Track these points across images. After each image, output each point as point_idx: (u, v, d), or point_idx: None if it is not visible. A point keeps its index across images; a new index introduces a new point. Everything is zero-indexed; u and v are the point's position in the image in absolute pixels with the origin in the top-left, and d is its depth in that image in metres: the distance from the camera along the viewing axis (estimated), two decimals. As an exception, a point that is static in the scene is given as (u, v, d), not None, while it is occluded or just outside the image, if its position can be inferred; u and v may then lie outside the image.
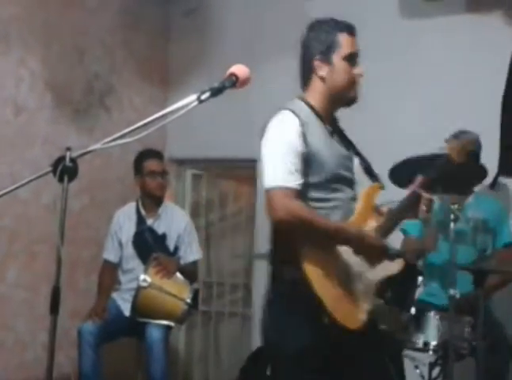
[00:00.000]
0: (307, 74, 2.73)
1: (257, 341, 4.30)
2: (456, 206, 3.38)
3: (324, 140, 2.65)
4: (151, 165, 4.64)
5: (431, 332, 3.42)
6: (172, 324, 4.39)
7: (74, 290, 4.95)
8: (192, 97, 2.24)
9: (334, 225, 2.58)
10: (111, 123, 5.30)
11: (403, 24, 4.80)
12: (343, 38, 2.68)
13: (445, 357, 3.34)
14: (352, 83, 2.69)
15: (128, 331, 4.42)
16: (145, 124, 2.26)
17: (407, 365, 3.68)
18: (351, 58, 2.69)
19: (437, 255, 3.87)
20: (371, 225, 2.66)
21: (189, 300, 4.36)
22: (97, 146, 2.31)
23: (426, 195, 2.70)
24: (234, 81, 2.29)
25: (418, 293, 3.62)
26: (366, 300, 2.60)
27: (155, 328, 4.29)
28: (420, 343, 3.45)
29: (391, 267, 2.69)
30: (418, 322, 3.46)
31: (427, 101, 4.63)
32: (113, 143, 2.30)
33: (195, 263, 4.71)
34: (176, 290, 4.35)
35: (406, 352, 3.64)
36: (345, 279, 2.57)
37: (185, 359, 5.81)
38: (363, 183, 2.76)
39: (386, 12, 4.84)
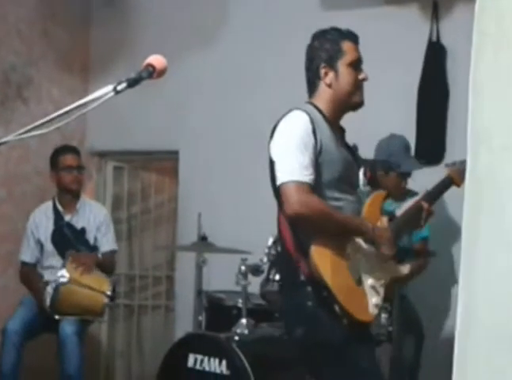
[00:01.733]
0: (313, 82, 2.86)
1: (180, 333, 4.29)
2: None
3: (332, 141, 2.75)
4: (67, 159, 4.64)
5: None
6: (91, 318, 4.37)
7: (-10, 287, 4.84)
8: (109, 88, 2.21)
9: (348, 217, 2.71)
10: (29, 115, 5.19)
11: (323, 15, 4.85)
12: (347, 46, 2.82)
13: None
14: (357, 88, 2.82)
15: (48, 326, 4.37)
16: (61, 115, 2.22)
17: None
18: (355, 65, 2.83)
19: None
20: None
21: (109, 292, 4.35)
22: (10, 137, 2.25)
23: (428, 207, 2.94)
24: (152, 72, 2.26)
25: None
26: (374, 295, 2.69)
27: (68, 323, 4.26)
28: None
29: (401, 269, 2.82)
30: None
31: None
32: (28, 134, 2.25)
33: (112, 253, 4.72)
34: (96, 284, 4.34)
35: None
36: (354, 273, 2.67)
37: (107, 353, 5.75)
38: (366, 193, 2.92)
39: (306, 3, 4.88)
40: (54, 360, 4.34)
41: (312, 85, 2.86)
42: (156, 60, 2.25)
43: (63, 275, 4.25)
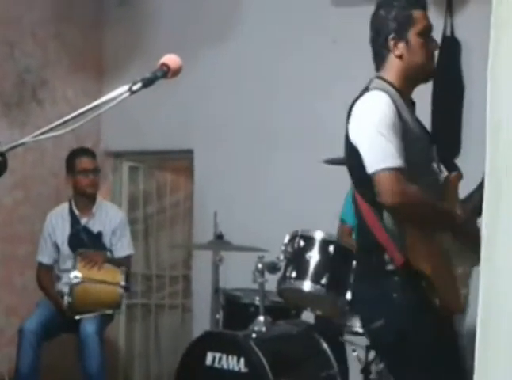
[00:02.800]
0: (382, 53, 2.68)
1: (198, 332, 4.30)
2: None
3: (410, 118, 2.61)
4: (83, 162, 4.64)
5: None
6: (109, 312, 4.42)
7: (9, 288, 4.88)
8: (124, 88, 2.22)
9: (445, 207, 2.57)
10: (44, 116, 5.22)
11: (334, 12, 4.85)
12: (417, 13, 2.65)
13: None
14: (429, 58, 2.67)
15: (67, 326, 4.40)
16: (76, 116, 2.23)
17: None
18: (426, 33, 2.67)
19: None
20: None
21: (123, 283, 4.39)
22: (27, 138, 2.26)
23: None
24: (166, 72, 2.27)
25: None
26: (464, 285, 2.60)
27: (89, 322, 4.29)
28: (357, 326, 3.50)
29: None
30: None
31: (357, 89, 4.67)
32: (44, 136, 2.26)
33: (127, 257, 4.72)
34: (108, 277, 4.38)
35: (344, 336, 3.69)
36: (447, 262, 2.55)
37: (126, 353, 5.77)
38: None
39: (318, 0, 4.88)
40: (73, 360, 4.37)
41: (380, 57, 2.68)
42: (171, 60, 2.26)
43: (76, 275, 4.29)
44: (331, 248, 3.40)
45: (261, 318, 3.68)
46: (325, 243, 3.42)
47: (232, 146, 5.16)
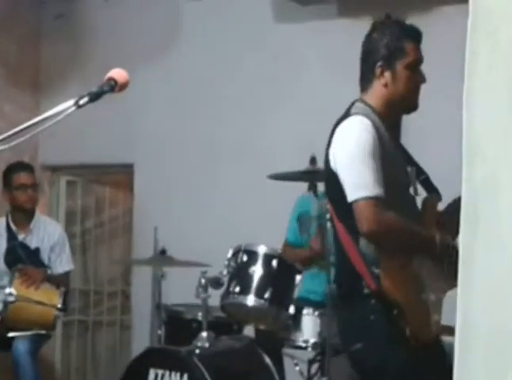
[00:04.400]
0: (368, 77, 2.67)
1: (137, 348, 4.26)
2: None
3: (389, 144, 2.60)
4: (21, 177, 4.55)
5: (310, 330, 3.50)
6: (43, 332, 4.34)
7: None
8: (69, 103, 2.19)
9: (423, 232, 2.57)
10: (-21, 131, 5.10)
11: (275, 28, 4.90)
12: (409, 45, 2.65)
13: (323, 353, 3.43)
14: (414, 91, 2.67)
15: (2, 345, 4.30)
16: (17, 132, 2.19)
17: (287, 363, 3.75)
18: (415, 66, 2.66)
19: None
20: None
21: (59, 305, 4.31)
22: (-35, 153, 2.21)
23: None
24: (113, 86, 2.25)
25: (298, 290, 3.67)
26: (436, 311, 2.56)
27: (21, 342, 4.22)
28: (300, 340, 3.51)
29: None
30: (297, 320, 3.53)
31: (300, 105, 4.73)
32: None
33: (66, 274, 4.65)
34: (45, 298, 4.30)
35: (286, 350, 3.70)
36: (419, 288, 2.52)
37: (62, 370, 5.67)
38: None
39: (259, 16, 4.92)
40: (10, 378, 4.28)
41: (366, 80, 2.67)
42: (118, 74, 2.25)
43: (11, 293, 4.18)
44: (274, 263, 3.43)
45: (204, 334, 3.65)
46: (268, 257, 3.44)
47: (174, 160, 5.14)
